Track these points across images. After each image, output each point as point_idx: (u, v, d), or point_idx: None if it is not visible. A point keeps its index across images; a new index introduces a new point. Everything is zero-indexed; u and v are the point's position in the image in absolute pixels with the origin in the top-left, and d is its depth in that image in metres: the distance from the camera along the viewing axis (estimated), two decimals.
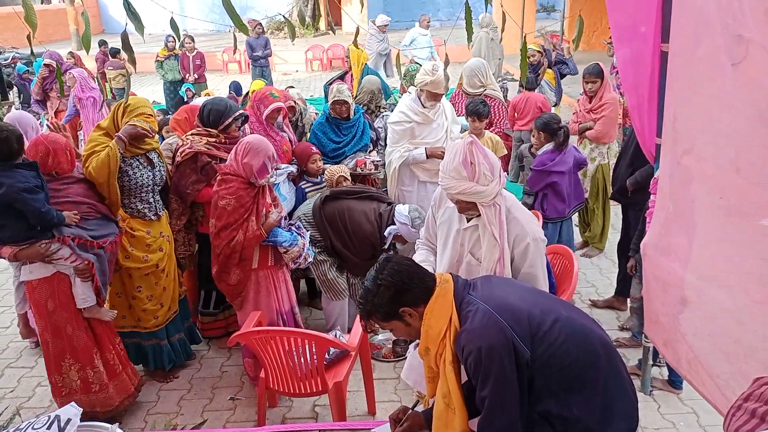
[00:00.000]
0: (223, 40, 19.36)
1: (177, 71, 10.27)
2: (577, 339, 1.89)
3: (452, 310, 1.95)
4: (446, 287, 1.98)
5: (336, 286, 3.95)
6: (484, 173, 2.37)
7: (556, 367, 1.86)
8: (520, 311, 1.89)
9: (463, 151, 2.39)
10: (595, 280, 4.91)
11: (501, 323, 1.84)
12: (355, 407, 3.50)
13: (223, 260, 3.36)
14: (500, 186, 2.44)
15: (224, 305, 4.06)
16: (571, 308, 2.07)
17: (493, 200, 2.42)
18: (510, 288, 2.06)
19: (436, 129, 4.42)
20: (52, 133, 3.24)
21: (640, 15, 2.96)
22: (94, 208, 3.20)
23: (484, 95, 5.16)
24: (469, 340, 1.87)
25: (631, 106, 3.36)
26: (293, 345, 3.05)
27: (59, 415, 1.96)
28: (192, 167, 3.67)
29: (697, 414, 3.35)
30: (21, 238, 2.99)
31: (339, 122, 4.52)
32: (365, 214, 3.80)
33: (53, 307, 3.14)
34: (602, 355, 1.93)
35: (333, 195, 3.90)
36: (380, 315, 2.02)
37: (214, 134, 3.73)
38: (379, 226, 3.78)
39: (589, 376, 1.89)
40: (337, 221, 3.79)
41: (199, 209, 3.84)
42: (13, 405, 3.66)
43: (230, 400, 3.64)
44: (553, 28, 10.88)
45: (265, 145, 3.35)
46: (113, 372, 3.36)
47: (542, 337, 1.86)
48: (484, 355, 1.83)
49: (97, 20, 24.12)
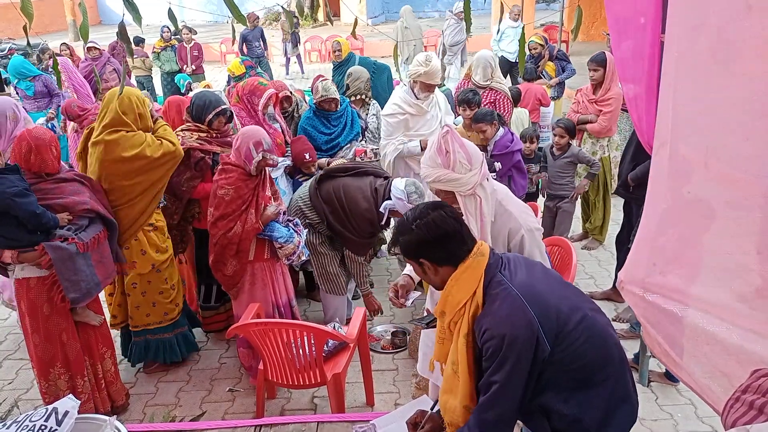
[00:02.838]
0: (221, 31, 19.28)
1: (174, 62, 10.23)
2: (596, 341, 1.88)
3: (478, 284, 1.91)
4: (480, 261, 1.93)
5: (336, 280, 3.93)
6: (459, 161, 2.39)
7: (569, 366, 1.85)
8: (549, 306, 1.85)
9: (437, 140, 2.44)
10: (593, 271, 4.92)
11: (530, 315, 1.80)
12: (354, 399, 3.51)
13: (220, 250, 3.36)
14: (479, 176, 2.43)
15: (225, 298, 4.05)
16: (594, 307, 2.03)
17: (471, 190, 2.42)
18: (540, 275, 2.00)
19: (430, 120, 4.40)
20: (37, 127, 3.10)
21: (639, 5, 2.94)
22: (84, 207, 3.09)
23: (490, 87, 5.15)
24: (494, 325, 1.84)
25: (628, 99, 3.34)
26: (292, 337, 3.05)
27: (57, 408, 1.97)
28: (185, 163, 3.62)
29: (695, 405, 3.36)
30: (25, 243, 2.93)
31: (327, 114, 4.48)
32: (361, 190, 3.70)
33: (49, 311, 3.07)
34: (616, 359, 1.92)
35: (328, 174, 3.85)
36: (402, 251, 2.03)
37: (204, 129, 3.71)
38: (376, 201, 3.67)
39: (598, 378, 1.88)
40: (334, 200, 3.71)
41: (195, 205, 3.81)
42: (11, 397, 3.66)
43: (229, 392, 3.64)
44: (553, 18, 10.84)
45: (253, 131, 3.35)
46: (100, 385, 3.34)
47: (565, 336, 1.83)
48: (506, 344, 1.80)
49: (94, 11, 23.98)
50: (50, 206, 2.98)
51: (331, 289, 3.96)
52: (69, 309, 3.12)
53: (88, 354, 3.28)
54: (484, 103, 5.01)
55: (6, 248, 2.93)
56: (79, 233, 3.04)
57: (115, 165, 3.30)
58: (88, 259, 3.07)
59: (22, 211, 2.84)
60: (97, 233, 3.13)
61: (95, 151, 3.31)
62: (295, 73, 14.36)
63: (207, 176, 3.71)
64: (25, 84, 7.35)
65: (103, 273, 3.18)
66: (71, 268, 3.00)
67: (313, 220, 3.79)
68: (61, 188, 3.05)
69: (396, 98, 4.40)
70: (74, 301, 3.05)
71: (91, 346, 3.28)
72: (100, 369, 3.33)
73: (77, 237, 3.02)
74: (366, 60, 6.49)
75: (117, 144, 3.28)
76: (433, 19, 22.23)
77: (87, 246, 3.05)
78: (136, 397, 3.60)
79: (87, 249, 3.05)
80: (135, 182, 3.35)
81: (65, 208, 3.04)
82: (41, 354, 3.13)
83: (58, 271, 2.98)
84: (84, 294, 3.07)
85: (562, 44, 9.39)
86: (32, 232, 2.92)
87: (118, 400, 3.45)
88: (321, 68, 14.23)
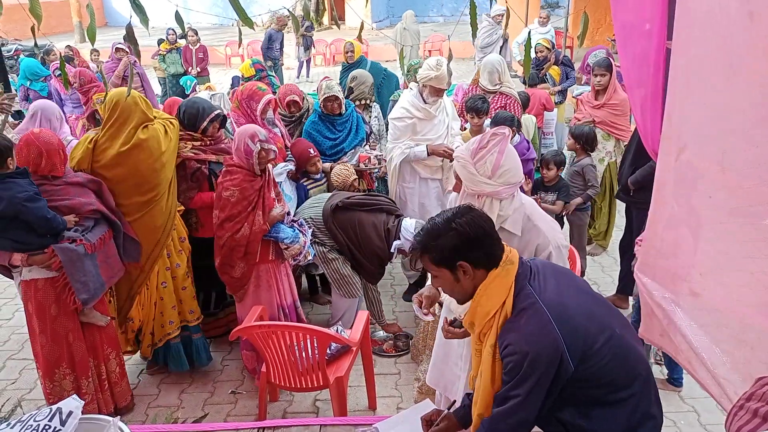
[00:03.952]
0: (226, 33, 19.35)
1: (179, 64, 10.29)
2: (622, 360, 1.84)
3: (508, 294, 1.85)
4: (509, 269, 1.87)
5: (351, 282, 3.92)
6: (486, 162, 2.37)
7: (593, 384, 1.81)
8: (578, 325, 1.79)
9: (484, 134, 2.43)
10: (597, 277, 4.91)
11: (555, 335, 1.74)
12: (356, 402, 3.51)
13: (227, 252, 3.35)
14: (493, 191, 2.38)
15: (224, 303, 4.03)
16: (624, 323, 1.97)
17: (475, 193, 2.41)
18: (569, 288, 1.92)
19: (438, 125, 4.40)
20: (44, 131, 3.10)
21: (645, 12, 2.94)
22: (90, 208, 3.11)
23: (500, 92, 5.14)
24: (518, 341, 1.78)
25: (633, 104, 3.34)
26: (295, 340, 3.05)
27: (61, 408, 1.97)
28: (181, 175, 3.57)
29: (698, 413, 3.35)
30: (35, 246, 2.94)
31: (332, 119, 4.49)
32: (375, 227, 3.80)
33: (57, 312, 3.09)
34: (642, 376, 1.88)
35: (344, 206, 3.86)
36: (435, 256, 1.89)
37: (198, 137, 3.64)
38: (387, 240, 3.78)
39: (619, 396, 1.84)
40: (348, 232, 3.80)
41: (193, 215, 3.75)
42: (15, 397, 3.67)
43: (231, 394, 3.65)
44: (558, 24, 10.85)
45: (246, 128, 3.38)
46: (103, 386, 3.36)
47: (591, 356, 1.78)
48: (528, 362, 1.75)
49: (101, 13, 24.08)
50: (57, 208, 2.99)
51: (347, 292, 3.94)
52: (76, 310, 3.13)
53: (93, 355, 3.28)
54: (495, 107, 5.02)
55: (16, 251, 2.94)
56: (86, 234, 3.06)
57: (157, 161, 3.37)
58: (94, 259, 3.08)
59: (33, 215, 2.85)
60: (102, 233, 3.14)
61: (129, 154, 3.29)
62: (302, 76, 14.41)
63: (204, 186, 3.67)
64: (39, 85, 7.43)
65: (108, 273, 3.19)
66: (80, 270, 3.01)
67: (324, 241, 3.85)
68: (67, 190, 3.06)
69: (404, 102, 4.41)
70: (84, 303, 3.06)
71: (96, 347, 3.29)
72: (105, 370, 3.34)
73: (84, 238, 3.03)
74: (377, 66, 6.47)
75: (155, 139, 3.37)
76: (438, 24, 22.28)
77: (94, 247, 3.06)
78: (139, 398, 3.61)
79: (94, 250, 3.07)
80: (169, 171, 3.45)
81: (72, 210, 3.05)
82: (47, 354, 3.14)
83: (69, 272, 2.99)
84: (92, 295, 3.08)
85: (567, 50, 9.38)
86: (42, 235, 2.93)
87: (122, 401, 3.46)
88: (326, 71, 14.25)
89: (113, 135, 3.31)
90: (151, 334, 3.61)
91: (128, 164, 3.30)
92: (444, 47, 14.48)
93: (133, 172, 3.31)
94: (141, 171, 3.32)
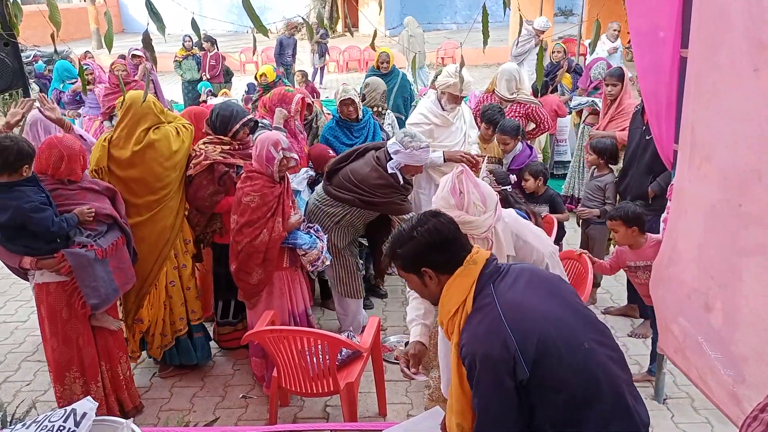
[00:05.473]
0: (241, 41, 19.50)
1: (195, 71, 10.45)
2: (583, 374, 1.74)
3: (468, 293, 1.84)
4: (472, 269, 1.87)
5: (355, 282, 3.93)
6: (474, 203, 2.33)
7: (552, 396, 1.74)
8: (533, 329, 1.73)
9: (451, 180, 2.36)
10: (609, 286, 4.87)
11: (506, 335, 1.71)
12: (366, 408, 3.51)
13: (244, 258, 3.36)
14: (494, 219, 2.36)
15: (242, 314, 3.94)
16: (600, 339, 1.85)
17: (485, 234, 2.34)
18: (539, 292, 1.87)
19: (455, 132, 4.41)
20: (66, 136, 3.17)
21: (659, 20, 2.94)
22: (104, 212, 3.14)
23: (517, 101, 5.14)
24: (468, 342, 1.78)
25: (649, 113, 3.33)
26: (306, 345, 3.06)
27: (75, 409, 1.99)
28: (209, 178, 3.58)
29: (711, 424, 3.31)
30: (45, 251, 2.97)
31: (350, 125, 4.52)
32: (366, 164, 3.76)
33: (68, 316, 3.11)
34: (607, 398, 1.75)
35: (331, 169, 3.89)
36: (401, 264, 1.96)
37: (227, 141, 3.66)
38: (383, 168, 3.71)
39: (582, 415, 1.74)
40: (347, 185, 3.75)
41: (217, 220, 3.76)
42: (30, 398, 3.70)
43: (242, 398, 3.66)
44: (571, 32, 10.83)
45: (268, 135, 3.39)
46: (119, 387, 3.39)
47: (545, 362, 1.71)
48: (478, 362, 1.73)
49: (118, 20, 24.39)
50: (71, 212, 3.02)
51: (349, 291, 3.96)
52: (87, 314, 3.16)
53: (106, 358, 3.31)
54: (517, 115, 5.03)
55: (26, 255, 2.98)
56: (97, 239, 3.09)
57: (168, 160, 3.46)
58: (106, 265, 3.11)
59: (37, 226, 2.88)
60: (115, 239, 3.17)
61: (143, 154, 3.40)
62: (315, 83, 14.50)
63: (231, 191, 3.65)
64: (69, 87, 7.60)
65: (122, 279, 3.21)
66: (90, 275, 3.04)
67: (338, 215, 3.80)
68: (83, 194, 3.10)
69: (422, 108, 4.43)
70: (95, 307, 3.09)
71: (109, 350, 3.32)
72: (120, 372, 3.37)
73: (96, 243, 3.06)
74: (406, 82, 6.46)
75: (166, 139, 3.46)
76: (451, 31, 22.30)
77: (106, 252, 3.09)
78: (151, 401, 3.63)
79: (106, 255, 3.09)
80: (179, 172, 3.54)
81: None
82: (58, 357, 3.17)
83: (78, 277, 3.02)
84: (103, 300, 3.10)
85: (580, 57, 9.35)
86: (51, 240, 2.96)
87: (131, 403, 3.48)
88: (340, 78, 14.33)
89: (126, 135, 3.43)
90: (162, 335, 3.65)
91: (141, 163, 3.42)
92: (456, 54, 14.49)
93: (146, 170, 3.43)
94: (153, 170, 3.44)
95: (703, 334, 2.62)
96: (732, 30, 2.14)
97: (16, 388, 3.84)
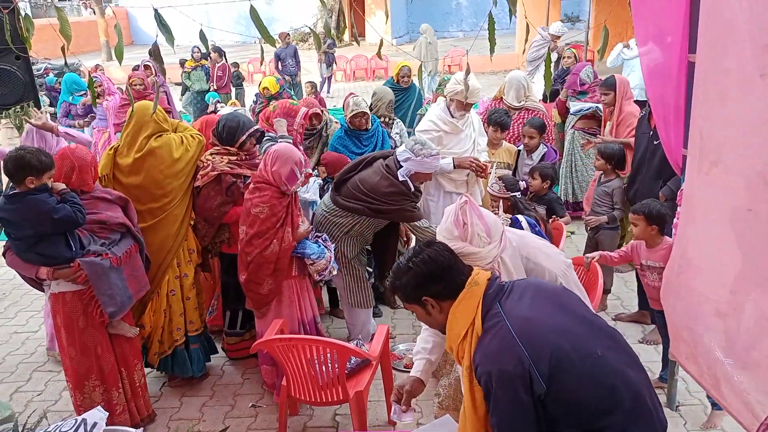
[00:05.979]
0: (249, 51, 19.64)
1: (203, 81, 10.54)
2: (599, 382, 1.74)
3: (475, 314, 1.86)
4: (474, 291, 1.89)
5: (365, 292, 3.93)
6: (478, 234, 2.26)
7: (570, 408, 1.75)
8: (545, 343, 1.74)
9: (455, 211, 2.30)
10: (620, 292, 4.84)
11: (519, 351, 1.72)
12: (376, 417, 3.50)
13: (255, 269, 3.36)
14: (499, 249, 2.30)
15: (250, 324, 3.94)
16: (612, 345, 1.85)
17: (491, 264, 2.27)
18: (546, 305, 1.89)
19: (464, 139, 4.42)
20: (79, 147, 3.21)
21: (666, 25, 2.94)
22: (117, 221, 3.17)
23: (525, 108, 5.15)
24: (482, 362, 1.78)
25: (657, 117, 3.33)
26: (315, 353, 3.06)
27: (86, 419, 2.00)
28: (216, 189, 3.59)
29: (725, 430, 3.27)
30: (61, 260, 2.99)
31: (358, 134, 4.52)
32: (375, 173, 3.74)
33: (85, 325, 3.13)
34: (626, 403, 1.75)
35: (339, 179, 3.89)
36: (403, 296, 2.01)
37: (234, 152, 3.66)
38: (393, 175, 3.69)
39: (603, 423, 1.74)
40: (358, 194, 3.73)
41: (225, 231, 3.78)
42: (41, 408, 3.72)
43: (252, 408, 3.66)
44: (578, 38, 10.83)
45: (292, 152, 3.38)
46: (136, 394, 3.41)
47: (560, 375, 1.72)
48: (495, 381, 1.74)
49: (127, 32, 24.63)
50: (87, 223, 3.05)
51: (358, 301, 3.95)
52: (104, 322, 3.18)
53: (124, 365, 3.34)
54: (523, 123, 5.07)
55: (43, 265, 3.00)
56: (112, 248, 3.11)
57: (169, 168, 3.49)
58: (121, 273, 3.13)
59: (59, 222, 2.90)
60: (128, 247, 3.19)
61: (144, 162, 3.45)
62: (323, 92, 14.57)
63: (239, 201, 3.65)
64: (78, 99, 7.70)
65: (135, 286, 3.24)
66: (106, 283, 3.06)
67: (348, 225, 3.79)
68: (95, 204, 3.13)
69: (432, 115, 4.44)
70: (112, 315, 3.12)
71: (126, 358, 3.34)
72: (136, 379, 3.40)
73: (110, 252, 3.09)
74: (420, 96, 6.47)
75: (167, 147, 3.50)
76: (458, 39, 22.36)
77: (120, 260, 3.12)
78: (161, 410, 3.64)
79: (120, 263, 3.12)
80: (184, 180, 3.57)
81: (100, 223, 3.11)
82: (77, 367, 3.19)
83: (95, 286, 3.04)
84: (119, 308, 3.13)
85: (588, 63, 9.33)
86: (68, 247, 2.98)
87: (145, 411, 3.50)
88: (347, 87, 14.38)
89: (130, 143, 3.50)
90: (160, 342, 3.66)
91: (142, 170, 3.47)
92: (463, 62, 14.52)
93: (147, 178, 3.47)
94: (154, 177, 3.47)
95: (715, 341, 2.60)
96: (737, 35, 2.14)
97: (27, 398, 3.86)
